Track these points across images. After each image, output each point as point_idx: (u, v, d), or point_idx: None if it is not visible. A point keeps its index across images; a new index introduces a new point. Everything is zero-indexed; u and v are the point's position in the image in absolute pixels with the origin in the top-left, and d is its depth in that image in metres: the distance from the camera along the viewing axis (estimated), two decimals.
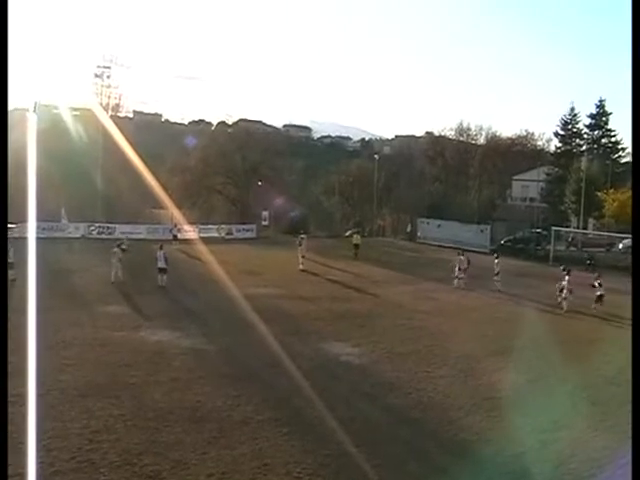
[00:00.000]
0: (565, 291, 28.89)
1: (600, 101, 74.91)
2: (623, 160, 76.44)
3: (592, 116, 75.18)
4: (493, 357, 20.39)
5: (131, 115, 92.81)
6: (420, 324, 25.10)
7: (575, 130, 77.34)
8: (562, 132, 78.02)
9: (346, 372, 18.29)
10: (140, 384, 16.18)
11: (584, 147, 74.41)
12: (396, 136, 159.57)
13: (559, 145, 79.53)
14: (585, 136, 76.42)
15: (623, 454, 10.96)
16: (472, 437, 13.69)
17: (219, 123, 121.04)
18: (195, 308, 26.39)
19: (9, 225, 9.38)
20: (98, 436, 12.76)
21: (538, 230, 55.89)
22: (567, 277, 29.16)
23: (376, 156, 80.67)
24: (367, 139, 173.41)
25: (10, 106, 12.70)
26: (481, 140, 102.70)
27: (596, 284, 28.04)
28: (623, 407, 13.95)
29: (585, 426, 14.41)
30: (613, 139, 74.88)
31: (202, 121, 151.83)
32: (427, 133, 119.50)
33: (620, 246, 49.82)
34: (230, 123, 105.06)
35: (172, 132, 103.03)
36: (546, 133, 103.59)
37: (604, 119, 74.82)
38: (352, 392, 16.27)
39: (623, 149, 75.75)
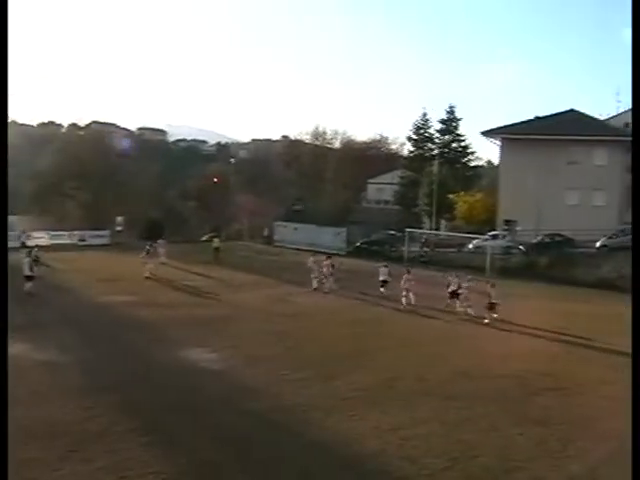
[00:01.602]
0: (382, 288, 33.00)
1: (450, 107, 77.89)
2: (472, 164, 79.98)
3: (443, 121, 78.01)
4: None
5: None
6: (279, 328, 25.25)
7: (427, 135, 79.96)
8: (415, 137, 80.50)
9: (205, 378, 18.09)
10: None
11: (435, 151, 76.80)
12: (253, 140, 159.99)
13: (412, 149, 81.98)
14: (436, 140, 79.07)
15: None
16: (333, 437, 13.85)
17: (70, 125, 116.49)
18: (49, 319, 25.39)
19: None
20: None
21: (392, 232, 57.26)
22: (383, 270, 33.51)
23: (232, 160, 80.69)
24: (223, 143, 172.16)
25: None
26: (337, 144, 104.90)
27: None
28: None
29: (447, 422, 14.92)
30: (462, 144, 77.86)
31: (52, 123, 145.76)
32: (283, 137, 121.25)
33: (470, 246, 51.78)
34: (82, 125, 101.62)
35: (20, 134, 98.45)
36: (400, 137, 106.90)
37: (454, 124, 77.75)
38: (212, 398, 16.09)
39: (472, 153, 79.27)
